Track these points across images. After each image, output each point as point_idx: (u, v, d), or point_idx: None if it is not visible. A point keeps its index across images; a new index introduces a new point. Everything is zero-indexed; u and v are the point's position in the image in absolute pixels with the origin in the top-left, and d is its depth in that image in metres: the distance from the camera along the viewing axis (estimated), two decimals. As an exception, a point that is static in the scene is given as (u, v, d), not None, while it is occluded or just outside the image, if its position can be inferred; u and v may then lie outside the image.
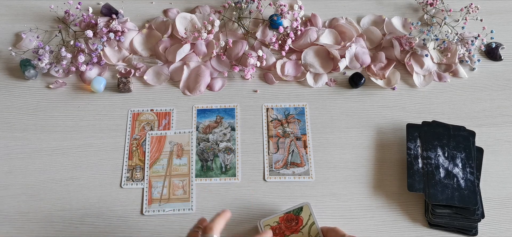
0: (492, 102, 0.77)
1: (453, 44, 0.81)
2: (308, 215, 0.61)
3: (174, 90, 0.79)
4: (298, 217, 0.61)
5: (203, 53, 0.81)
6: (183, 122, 0.75)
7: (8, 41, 0.85)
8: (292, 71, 0.80)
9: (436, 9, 0.88)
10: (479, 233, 0.64)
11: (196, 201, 0.68)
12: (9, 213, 0.67)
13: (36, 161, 0.71)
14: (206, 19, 0.84)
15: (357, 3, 0.91)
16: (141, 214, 0.67)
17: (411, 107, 0.76)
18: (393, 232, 0.65)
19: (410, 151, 0.68)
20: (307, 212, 0.61)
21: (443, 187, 0.64)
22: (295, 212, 0.61)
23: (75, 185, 0.69)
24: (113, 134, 0.74)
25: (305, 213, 0.61)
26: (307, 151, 0.72)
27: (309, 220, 0.60)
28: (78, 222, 0.66)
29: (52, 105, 0.77)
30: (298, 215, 0.61)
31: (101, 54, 0.81)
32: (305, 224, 0.60)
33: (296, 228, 0.60)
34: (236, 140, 0.73)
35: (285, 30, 0.82)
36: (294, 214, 0.61)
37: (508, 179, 0.69)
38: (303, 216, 0.61)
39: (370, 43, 0.84)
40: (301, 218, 0.61)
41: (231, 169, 0.71)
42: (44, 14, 0.89)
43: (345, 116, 0.76)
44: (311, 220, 0.60)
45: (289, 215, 0.61)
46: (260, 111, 0.76)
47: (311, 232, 0.60)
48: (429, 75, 0.79)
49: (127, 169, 0.70)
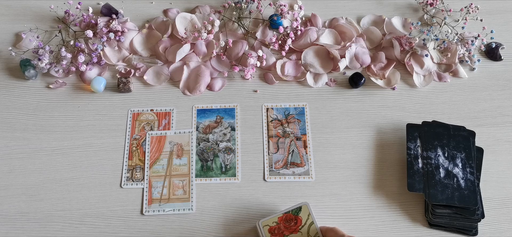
0: (492, 102, 0.77)
1: (453, 44, 0.81)
2: (307, 215, 0.60)
3: (174, 90, 0.79)
4: (297, 217, 0.61)
5: (203, 53, 0.81)
6: (183, 122, 0.75)
7: (8, 41, 0.85)
8: (292, 71, 0.80)
9: (436, 9, 0.88)
10: (479, 233, 0.64)
11: (196, 201, 0.68)
12: (9, 213, 0.67)
13: (36, 161, 0.71)
14: (206, 19, 0.84)
15: (357, 3, 0.91)
16: (141, 214, 0.67)
17: (411, 107, 0.76)
18: (393, 232, 0.65)
19: (410, 151, 0.68)
20: (306, 212, 0.61)
21: (443, 187, 0.64)
22: (294, 212, 0.61)
23: (75, 185, 0.69)
24: (113, 134, 0.74)
25: (304, 213, 0.61)
26: (307, 151, 0.72)
27: (308, 220, 0.60)
28: (78, 222, 0.66)
29: (52, 105, 0.77)
30: (297, 215, 0.61)
31: (101, 54, 0.81)
32: (304, 224, 0.60)
33: (295, 228, 0.60)
34: (236, 140, 0.73)
35: (285, 30, 0.82)
36: (293, 214, 0.61)
37: (508, 179, 0.69)
38: (302, 216, 0.60)
39: (370, 43, 0.84)
40: (300, 218, 0.60)
41: (231, 169, 0.71)
42: (44, 14, 0.88)
43: (345, 116, 0.76)
44: (310, 220, 0.60)
45: (288, 215, 0.61)
46: (260, 111, 0.76)
47: (310, 232, 0.60)
48: (429, 75, 0.79)
49: (127, 169, 0.70)
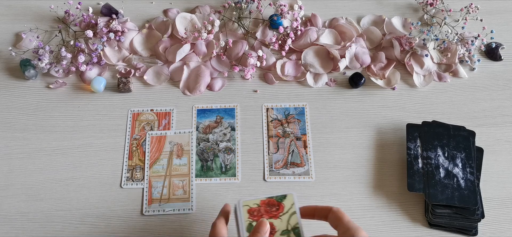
0: (492, 102, 0.77)
1: (453, 44, 0.81)
2: (291, 204, 0.57)
3: (174, 90, 0.79)
4: (280, 204, 0.57)
5: (203, 53, 0.81)
6: (183, 122, 0.75)
7: (8, 41, 0.85)
8: (292, 71, 0.80)
9: (436, 9, 0.88)
10: (479, 233, 0.64)
11: (196, 201, 0.68)
12: (9, 213, 0.67)
13: (36, 161, 0.71)
14: (206, 19, 0.84)
15: (357, 3, 0.91)
16: (141, 214, 0.67)
17: (411, 107, 0.76)
18: (393, 232, 0.65)
19: (410, 151, 0.68)
20: (290, 201, 0.57)
21: (443, 187, 0.64)
22: (278, 198, 0.58)
23: (75, 185, 0.69)
24: (113, 134, 0.74)
25: (288, 202, 0.57)
26: (307, 151, 0.72)
27: (290, 209, 0.57)
28: (78, 222, 0.66)
29: (52, 105, 0.77)
30: (281, 202, 0.57)
31: (101, 54, 0.81)
32: (285, 212, 0.56)
33: (276, 214, 0.57)
34: (236, 140, 0.73)
35: (285, 30, 0.82)
36: (277, 201, 0.57)
37: (508, 179, 0.69)
38: (286, 204, 0.57)
39: (370, 43, 0.84)
40: (283, 205, 0.57)
41: (231, 169, 0.70)
42: (44, 14, 0.88)
43: (345, 116, 0.76)
44: (293, 209, 0.57)
45: (271, 200, 0.57)
46: (260, 111, 0.76)
47: (290, 221, 0.56)
48: (429, 75, 0.79)
49: (127, 169, 0.70)
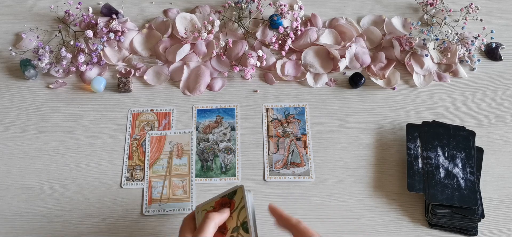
0: (492, 102, 0.77)
1: (453, 44, 0.81)
2: (240, 198, 0.53)
3: (174, 90, 0.79)
4: (231, 200, 0.54)
5: (203, 53, 0.81)
6: (183, 122, 0.75)
7: (8, 41, 0.85)
8: (292, 71, 0.80)
9: (436, 9, 0.88)
10: (479, 233, 0.64)
11: (196, 201, 0.68)
12: (9, 213, 0.67)
13: (36, 161, 0.71)
14: (206, 19, 0.84)
15: (357, 3, 0.91)
16: (141, 214, 0.67)
17: (411, 107, 0.76)
18: (393, 232, 0.65)
19: (410, 151, 0.68)
20: (239, 196, 0.54)
21: (443, 187, 0.64)
22: (229, 196, 0.55)
23: (75, 185, 0.69)
24: (113, 134, 0.74)
25: (238, 196, 0.54)
26: (307, 151, 0.72)
27: (240, 204, 0.53)
28: (78, 222, 0.66)
29: (52, 105, 0.77)
30: (232, 199, 0.54)
31: (101, 54, 0.81)
32: (236, 208, 0.53)
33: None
34: (236, 140, 0.73)
35: (285, 30, 0.82)
36: (228, 198, 0.55)
37: (508, 179, 0.69)
38: (236, 200, 0.54)
39: (370, 43, 0.84)
40: (234, 202, 0.54)
41: (231, 169, 0.70)
42: (44, 14, 0.88)
43: (345, 116, 0.76)
44: (241, 204, 0.53)
45: (224, 199, 0.55)
46: (260, 111, 0.76)
47: (240, 216, 0.52)
48: (429, 75, 0.79)
49: (127, 169, 0.70)
